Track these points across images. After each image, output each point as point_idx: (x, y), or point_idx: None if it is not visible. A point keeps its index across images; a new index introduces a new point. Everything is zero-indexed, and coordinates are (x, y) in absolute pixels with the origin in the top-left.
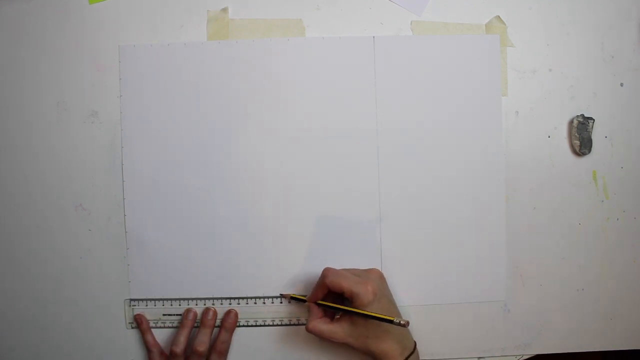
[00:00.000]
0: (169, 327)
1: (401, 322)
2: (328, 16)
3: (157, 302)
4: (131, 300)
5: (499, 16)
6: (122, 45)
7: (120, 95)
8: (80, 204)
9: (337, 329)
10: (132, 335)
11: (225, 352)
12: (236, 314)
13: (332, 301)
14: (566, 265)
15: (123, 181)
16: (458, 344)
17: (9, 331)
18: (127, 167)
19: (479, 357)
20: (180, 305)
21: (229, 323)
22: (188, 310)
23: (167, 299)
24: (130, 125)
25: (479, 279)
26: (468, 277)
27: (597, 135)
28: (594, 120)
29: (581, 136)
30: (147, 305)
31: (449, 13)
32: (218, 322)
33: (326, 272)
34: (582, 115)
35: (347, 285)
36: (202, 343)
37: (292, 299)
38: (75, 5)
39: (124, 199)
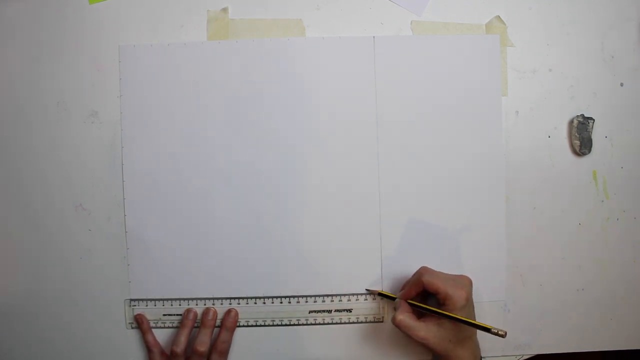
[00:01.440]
0: (169, 327)
1: (499, 332)
2: (328, 16)
3: (157, 302)
4: (131, 300)
5: (499, 16)
6: (122, 45)
7: (121, 95)
8: (80, 204)
9: (423, 327)
10: (132, 336)
11: (226, 352)
12: (236, 313)
13: (418, 301)
14: (566, 265)
15: (123, 181)
16: None
17: (8, 331)
18: (127, 167)
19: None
20: (180, 305)
21: (230, 322)
22: (188, 311)
23: (167, 299)
24: (130, 125)
25: (479, 279)
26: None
27: (597, 135)
28: (594, 120)
29: (581, 136)
30: (147, 306)
31: (449, 13)
32: (218, 322)
33: (423, 270)
34: (582, 115)
35: (443, 287)
36: (203, 343)
37: (380, 295)
38: (75, 5)
39: (124, 199)
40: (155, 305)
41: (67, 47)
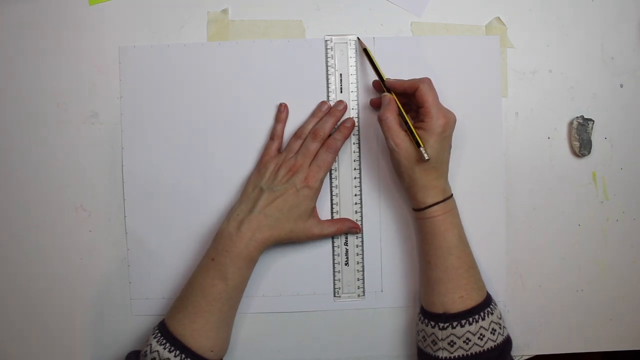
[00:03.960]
0: None
1: (425, 155)
2: (328, 17)
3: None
4: (132, 300)
5: (499, 17)
6: (122, 46)
7: (121, 97)
8: (81, 205)
9: (401, 135)
10: (133, 337)
11: (334, 150)
12: (353, 124)
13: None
14: (566, 266)
15: (123, 182)
16: None
17: (9, 331)
18: (127, 168)
19: None
20: None
21: (345, 127)
22: (323, 103)
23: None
24: (130, 126)
25: None
26: None
27: (597, 136)
28: (593, 121)
29: (581, 137)
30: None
31: (449, 14)
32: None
33: (426, 79)
34: (582, 117)
35: (431, 103)
36: (322, 129)
37: (370, 61)
38: (75, 6)
39: (124, 199)
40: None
41: (67, 48)
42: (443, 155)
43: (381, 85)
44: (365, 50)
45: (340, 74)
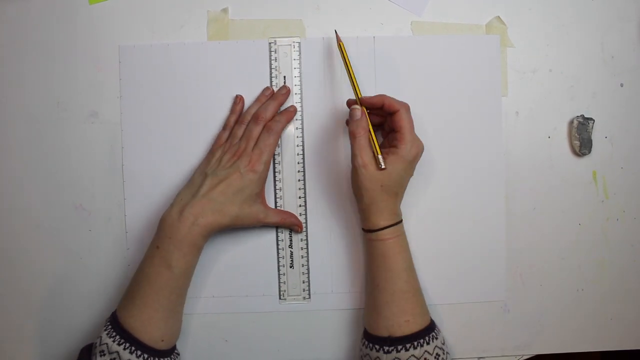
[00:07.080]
0: None
1: (381, 163)
2: (328, 16)
3: None
4: None
5: (499, 17)
6: (122, 46)
7: (120, 96)
8: (81, 204)
9: (369, 155)
10: None
11: (275, 132)
12: (295, 110)
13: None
14: (566, 265)
15: (123, 181)
16: (458, 344)
17: (9, 331)
18: (127, 167)
19: (479, 357)
20: None
21: (287, 112)
22: (266, 88)
23: None
24: (130, 126)
25: (479, 279)
26: (468, 277)
27: (597, 135)
28: (593, 120)
29: (581, 136)
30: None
31: (449, 13)
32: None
33: (406, 105)
34: (582, 116)
35: (408, 130)
36: (264, 112)
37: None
38: (75, 5)
39: (124, 199)
40: None
41: (67, 47)
42: (405, 181)
43: (355, 100)
44: (340, 48)
45: (284, 76)
